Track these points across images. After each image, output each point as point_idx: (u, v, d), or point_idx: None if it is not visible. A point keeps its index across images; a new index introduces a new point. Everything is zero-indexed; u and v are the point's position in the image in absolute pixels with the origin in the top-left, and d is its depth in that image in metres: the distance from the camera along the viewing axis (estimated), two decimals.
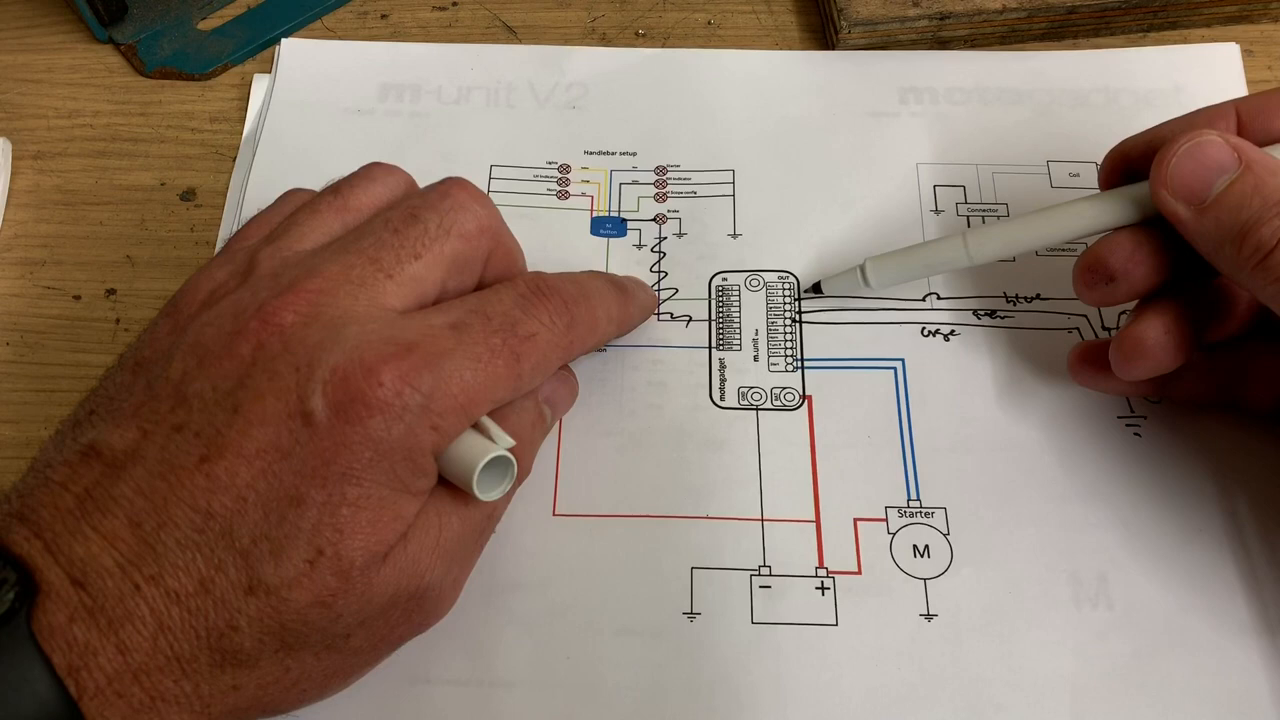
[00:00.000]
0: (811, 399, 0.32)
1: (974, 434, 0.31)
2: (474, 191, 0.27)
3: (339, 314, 0.24)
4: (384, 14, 0.41)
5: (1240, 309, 0.29)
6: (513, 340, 0.25)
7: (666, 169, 0.36)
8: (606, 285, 0.30)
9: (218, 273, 0.26)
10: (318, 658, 0.23)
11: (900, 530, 0.30)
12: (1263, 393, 0.29)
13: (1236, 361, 0.29)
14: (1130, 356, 0.27)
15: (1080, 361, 0.30)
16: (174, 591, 0.21)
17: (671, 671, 0.28)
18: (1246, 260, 0.24)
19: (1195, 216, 0.25)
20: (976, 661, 0.28)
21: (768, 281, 0.34)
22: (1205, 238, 0.25)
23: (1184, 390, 0.30)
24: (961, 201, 0.35)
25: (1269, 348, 0.29)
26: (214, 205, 0.37)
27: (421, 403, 0.23)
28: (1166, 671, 0.27)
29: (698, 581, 0.29)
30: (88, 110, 0.39)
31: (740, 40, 0.40)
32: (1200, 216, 0.25)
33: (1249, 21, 0.39)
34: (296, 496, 0.22)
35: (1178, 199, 0.25)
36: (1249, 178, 0.24)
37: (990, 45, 0.39)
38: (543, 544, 0.30)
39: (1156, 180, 0.26)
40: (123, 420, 0.23)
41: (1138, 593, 0.28)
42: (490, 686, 0.28)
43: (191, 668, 0.22)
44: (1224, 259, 0.25)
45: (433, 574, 0.25)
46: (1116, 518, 0.29)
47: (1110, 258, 0.27)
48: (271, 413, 0.22)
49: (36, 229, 0.36)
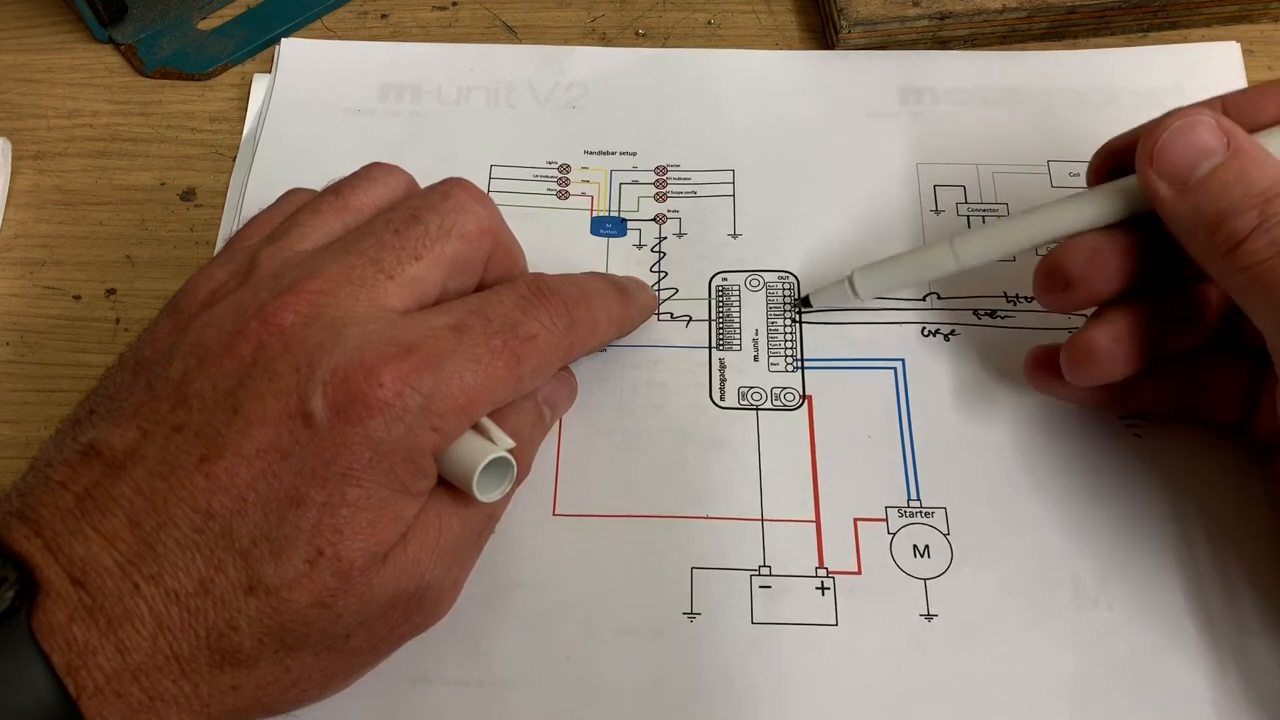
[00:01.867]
0: (811, 399, 0.32)
1: (974, 434, 0.31)
2: (475, 192, 0.27)
3: (339, 314, 0.24)
4: (384, 14, 0.41)
5: (1205, 318, 0.28)
6: (513, 341, 0.25)
7: (666, 169, 0.36)
8: (607, 287, 0.30)
9: (218, 273, 0.26)
10: (317, 658, 0.23)
11: (900, 530, 0.30)
12: (1224, 404, 0.29)
13: (1197, 373, 0.29)
14: (1078, 362, 0.27)
15: (1035, 365, 0.30)
16: (173, 591, 0.21)
17: (671, 671, 0.28)
18: (1217, 247, 0.24)
19: (1175, 197, 0.25)
20: (976, 661, 0.28)
21: (768, 281, 0.34)
22: (1181, 220, 0.25)
23: (1142, 401, 0.30)
24: (961, 201, 0.35)
25: (1230, 358, 0.29)
26: (214, 205, 0.37)
27: (422, 404, 0.23)
28: (1166, 672, 0.27)
29: (698, 581, 0.29)
30: (88, 110, 0.39)
31: (740, 40, 0.40)
32: (1180, 197, 0.25)
33: (1249, 21, 0.39)
34: (296, 497, 0.22)
35: (1161, 177, 0.25)
36: (1234, 165, 0.24)
37: (990, 45, 0.39)
38: (543, 544, 0.30)
39: (1142, 156, 0.25)
40: (123, 420, 0.23)
41: (1138, 593, 0.28)
42: (490, 686, 0.28)
43: (191, 667, 0.22)
44: (1196, 243, 0.25)
45: (432, 574, 0.25)
46: (1117, 518, 0.29)
47: (1067, 263, 0.27)
48: (272, 413, 0.22)
49: (36, 229, 0.36)
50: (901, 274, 0.31)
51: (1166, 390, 0.29)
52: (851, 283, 0.31)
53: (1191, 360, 0.29)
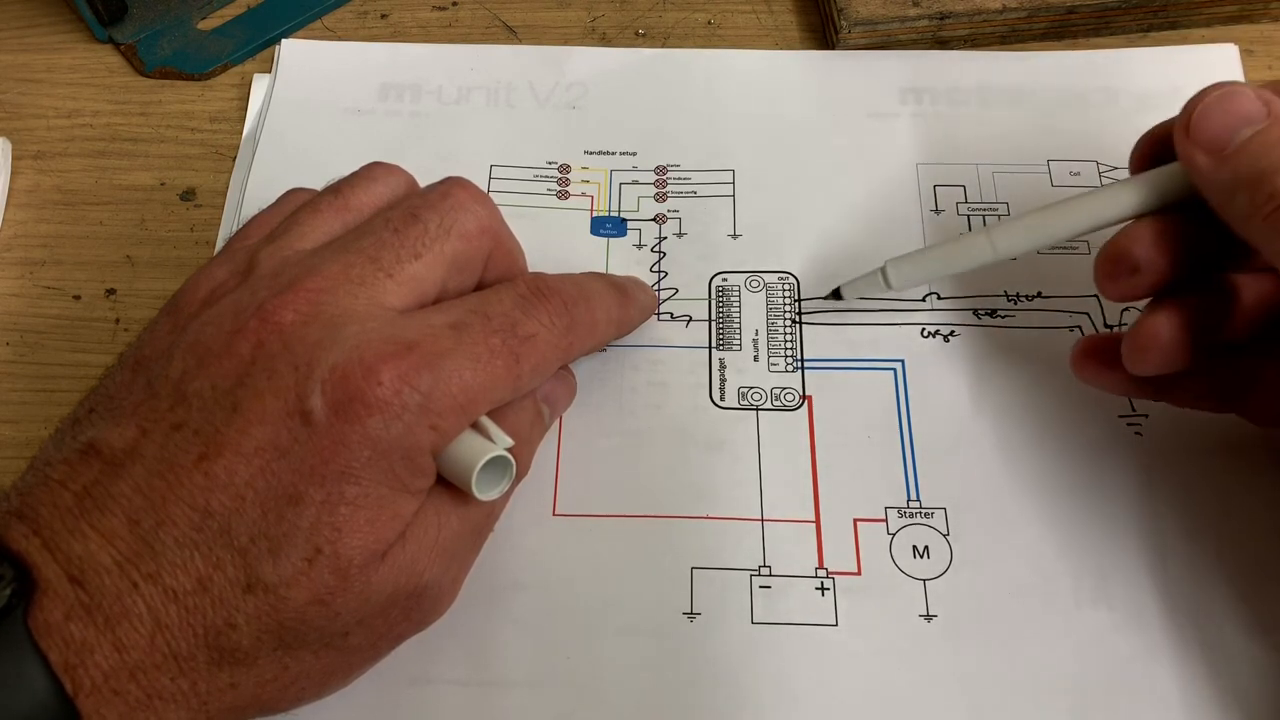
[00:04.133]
0: (811, 399, 0.32)
1: (974, 434, 0.31)
2: (475, 191, 0.27)
3: (339, 313, 0.24)
4: (384, 14, 0.41)
5: (1251, 310, 0.28)
6: (512, 341, 0.25)
7: (666, 169, 0.36)
8: (606, 287, 0.30)
9: (218, 272, 0.26)
10: (316, 656, 0.23)
11: (900, 530, 0.29)
12: (1268, 403, 0.29)
13: (1242, 369, 0.29)
14: (1144, 349, 0.26)
15: (1084, 356, 0.29)
16: (172, 589, 0.21)
17: (671, 671, 0.28)
18: (1259, 208, 0.23)
19: (1214, 165, 0.24)
20: (976, 661, 0.28)
21: (768, 282, 0.34)
22: (1220, 187, 0.24)
23: (1184, 394, 0.29)
24: (961, 201, 0.35)
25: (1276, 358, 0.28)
26: (214, 205, 0.37)
27: (420, 402, 0.23)
28: (1166, 672, 0.27)
29: (698, 581, 0.29)
30: (88, 110, 0.39)
31: (740, 40, 0.40)
32: (1219, 165, 0.24)
33: (1249, 21, 0.39)
34: (295, 495, 0.22)
35: (1198, 147, 0.25)
36: (1275, 129, 0.24)
37: (990, 45, 0.39)
38: (543, 544, 0.30)
39: (1180, 128, 0.25)
40: (122, 419, 0.23)
41: (1138, 593, 0.28)
42: (490, 686, 0.28)
43: (189, 665, 0.22)
44: (1236, 211, 0.24)
45: (431, 573, 0.25)
46: (1117, 517, 0.29)
47: (1134, 247, 0.26)
48: (270, 411, 0.22)
49: (36, 229, 0.36)
50: (937, 264, 0.30)
51: (1212, 385, 0.29)
52: (885, 273, 0.30)
53: (1237, 354, 0.28)
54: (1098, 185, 0.35)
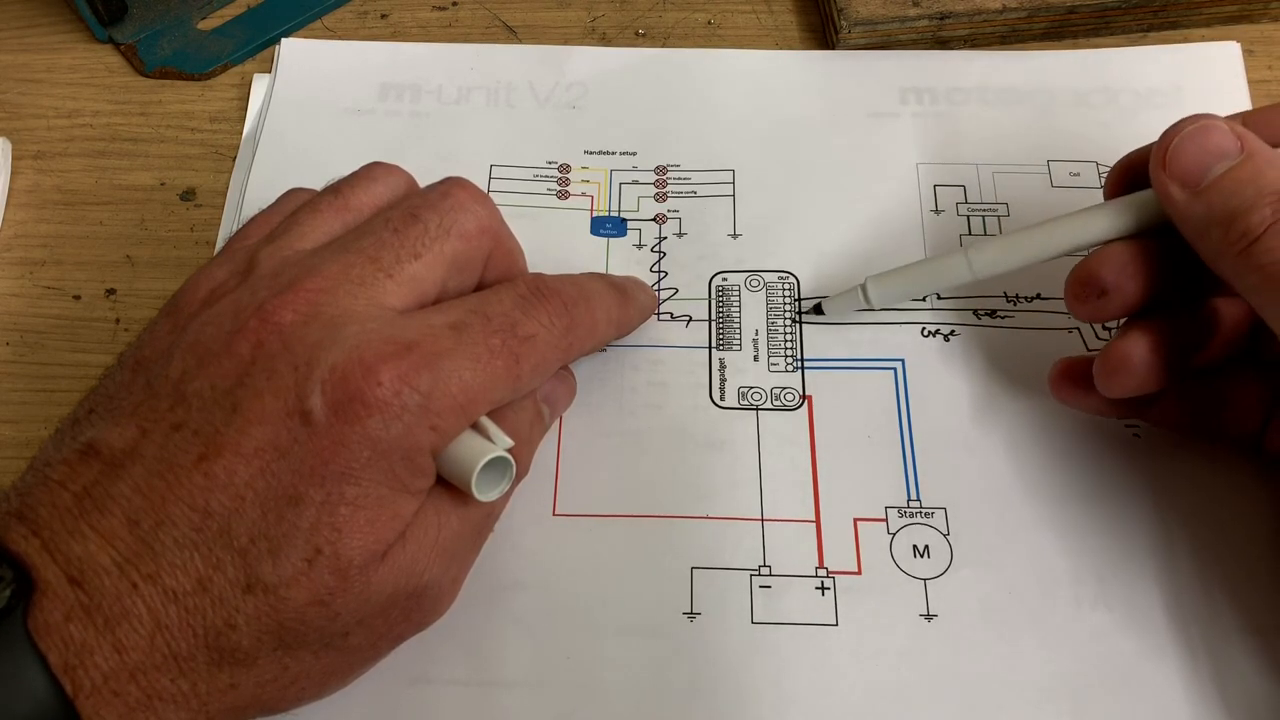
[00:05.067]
0: (811, 399, 0.32)
1: (974, 434, 0.31)
2: (474, 191, 0.27)
3: (338, 313, 0.24)
4: (384, 14, 0.41)
5: (1224, 333, 0.28)
6: (512, 341, 0.25)
7: (666, 169, 0.36)
8: (606, 287, 0.30)
9: (218, 272, 0.26)
10: (316, 656, 0.23)
11: (900, 530, 0.29)
12: (1241, 420, 0.29)
13: (1215, 389, 0.29)
14: (1115, 372, 0.27)
15: (1061, 377, 0.29)
16: (171, 590, 0.21)
17: (671, 671, 0.28)
18: (1231, 245, 0.24)
19: (1188, 199, 0.25)
20: (976, 661, 0.28)
21: (768, 281, 0.34)
22: (1194, 221, 0.25)
23: (1160, 416, 0.29)
24: (961, 201, 0.35)
25: (1250, 375, 0.28)
26: (214, 205, 0.37)
27: (420, 402, 0.23)
28: (1166, 673, 0.27)
29: (698, 581, 0.29)
30: (88, 110, 0.39)
31: (740, 40, 0.40)
32: (1193, 199, 0.25)
33: (1249, 21, 0.39)
34: (294, 495, 0.22)
35: (1174, 180, 0.25)
36: (1249, 165, 0.24)
37: (990, 45, 0.39)
38: (543, 544, 0.29)
39: (1155, 160, 0.25)
40: (122, 419, 0.23)
41: (1137, 594, 0.28)
42: (490, 686, 0.28)
43: (189, 666, 0.22)
44: (1209, 245, 0.25)
45: (431, 573, 0.25)
46: (1116, 518, 0.29)
47: (1103, 270, 0.27)
48: (270, 411, 0.22)
49: (36, 229, 0.36)
50: (915, 283, 0.31)
51: (1185, 406, 0.29)
52: (864, 291, 0.31)
53: (1210, 376, 0.29)
54: (1098, 186, 0.35)
